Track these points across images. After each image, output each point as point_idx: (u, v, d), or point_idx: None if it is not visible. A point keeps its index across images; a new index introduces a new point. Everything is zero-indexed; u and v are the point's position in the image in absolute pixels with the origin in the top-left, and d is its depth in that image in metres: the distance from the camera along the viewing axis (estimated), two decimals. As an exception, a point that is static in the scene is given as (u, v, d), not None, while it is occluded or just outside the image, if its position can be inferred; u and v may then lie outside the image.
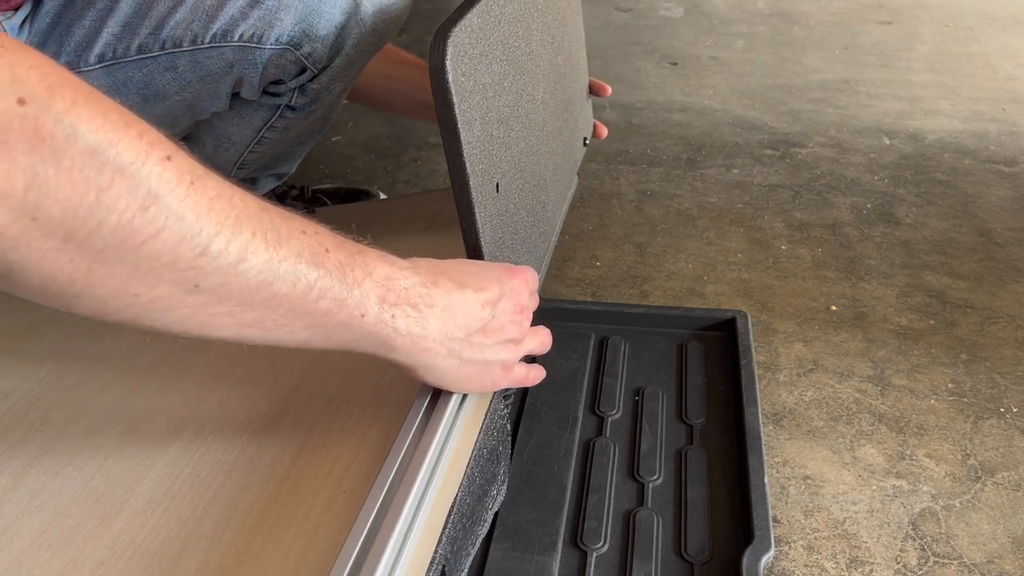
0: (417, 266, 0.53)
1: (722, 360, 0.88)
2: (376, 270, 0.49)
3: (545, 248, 0.81)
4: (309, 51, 0.73)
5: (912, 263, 1.11)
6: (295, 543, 0.52)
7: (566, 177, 0.91)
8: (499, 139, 0.64)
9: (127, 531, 0.54)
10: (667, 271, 1.10)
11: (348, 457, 0.58)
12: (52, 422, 0.64)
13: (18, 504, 0.56)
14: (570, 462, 0.75)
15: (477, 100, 0.59)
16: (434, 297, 0.52)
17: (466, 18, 0.57)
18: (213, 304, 0.41)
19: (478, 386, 0.59)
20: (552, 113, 0.83)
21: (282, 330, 0.45)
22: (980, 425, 0.83)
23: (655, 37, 2.09)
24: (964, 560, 0.69)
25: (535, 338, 0.63)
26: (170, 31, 0.70)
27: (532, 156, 0.75)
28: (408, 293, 0.51)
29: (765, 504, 0.68)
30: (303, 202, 1.13)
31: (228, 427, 0.62)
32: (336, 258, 0.46)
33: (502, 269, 0.60)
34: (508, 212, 0.67)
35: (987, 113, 1.60)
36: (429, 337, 0.52)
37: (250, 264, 0.41)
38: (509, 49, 0.67)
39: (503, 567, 0.65)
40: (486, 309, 0.56)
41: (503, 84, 0.65)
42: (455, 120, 0.55)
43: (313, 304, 0.45)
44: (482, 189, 0.60)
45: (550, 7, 0.82)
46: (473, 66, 0.58)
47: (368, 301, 0.48)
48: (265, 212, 0.43)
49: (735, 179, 1.36)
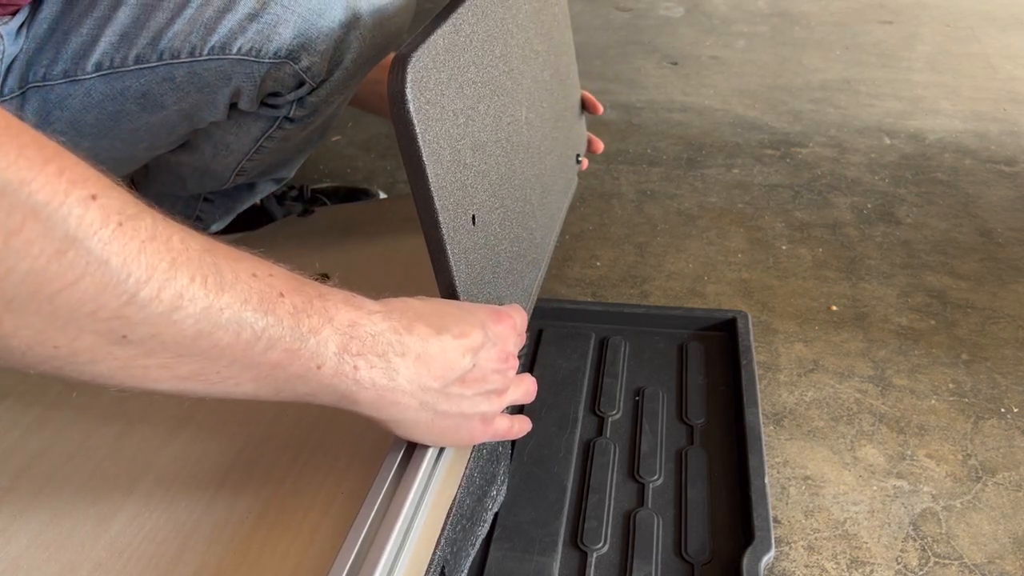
0: (389, 309, 0.49)
1: (722, 360, 0.87)
2: (338, 316, 0.45)
3: (534, 277, 0.75)
4: (308, 65, 0.73)
5: (913, 263, 1.11)
6: (293, 544, 0.52)
7: (556, 199, 0.86)
8: (474, 167, 0.59)
9: (125, 533, 0.54)
10: (667, 271, 1.10)
11: (347, 458, 0.58)
12: (50, 423, 0.64)
13: (15, 505, 0.56)
14: (570, 462, 0.75)
15: (446, 128, 0.54)
16: (407, 345, 0.48)
17: (430, 40, 0.53)
18: (144, 356, 0.37)
19: (454, 440, 0.54)
20: (538, 133, 0.78)
21: (226, 383, 0.41)
22: (981, 425, 0.83)
23: (655, 37, 2.09)
24: (965, 560, 0.69)
25: (519, 388, 0.58)
26: (168, 42, 0.70)
27: (515, 181, 0.70)
28: (376, 341, 0.46)
29: (765, 504, 0.68)
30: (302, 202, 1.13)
31: (227, 428, 0.62)
32: (291, 303, 0.42)
33: (487, 312, 0.55)
34: (487, 245, 0.62)
35: (988, 113, 1.60)
36: (399, 389, 0.48)
37: (186, 313, 0.37)
38: (484, 69, 0.63)
39: (503, 568, 0.64)
40: (467, 357, 0.51)
41: (477, 107, 0.61)
42: (419, 153, 0.50)
43: (261, 355, 0.41)
44: (455, 224, 0.55)
45: (534, 21, 0.77)
46: (440, 91, 0.53)
47: (325, 351, 0.44)
48: (209, 254, 0.39)
49: (735, 179, 1.36)
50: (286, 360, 0.42)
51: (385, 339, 0.47)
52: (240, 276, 0.40)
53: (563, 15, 0.91)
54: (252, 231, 1.05)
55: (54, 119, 0.73)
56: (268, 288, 0.41)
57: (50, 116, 0.72)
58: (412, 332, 0.48)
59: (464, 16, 0.59)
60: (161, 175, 0.95)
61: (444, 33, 0.55)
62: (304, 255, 0.91)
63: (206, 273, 0.38)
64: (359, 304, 0.47)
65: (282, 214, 1.07)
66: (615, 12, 2.30)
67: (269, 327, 0.41)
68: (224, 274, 0.39)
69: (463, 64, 0.58)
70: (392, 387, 0.47)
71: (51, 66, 0.71)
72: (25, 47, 0.71)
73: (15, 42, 0.70)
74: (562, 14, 0.91)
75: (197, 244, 0.38)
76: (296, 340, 0.42)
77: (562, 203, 0.89)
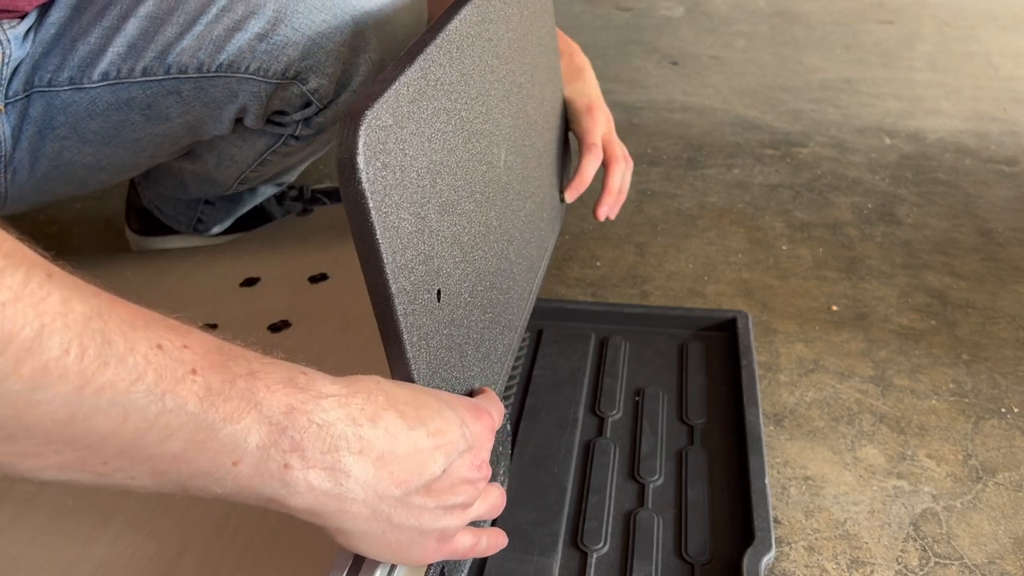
0: (352, 392, 0.40)
1: (723, 360, 0.87)
2: (269, 399, 0.36)
3: (511, 341, 0.66)
4: (315, 87, 0.73)
5: (913, 263, 1.11)
6: (295, 544, 0.52)
7: (538, 245, 0.76)
8: (441, 233, 0.50)
9: (125, 533, 0.54)
10: (668, 271, 1.10)
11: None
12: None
13: (15, 505, 0.56)
14: (570, 463, 0.75)
15: (408, 193, 0.46)
16: (368, 440, 0.39)
17: (391, 90, 0.44)
18: (6, 442, 0.31)
19: (405, 558, 0.45)
20: (518, 175, 0.69)
21: (117, 476, 0.34)
22: (981, 425, 0.83)
23: (656, 36, 2.09)
24: (965, 561, 0.69)
25: (485, 502, 0.49)
26: (176, 57, 0.70)
27: (491, 237, 0.61)
28: (322, 433, 0.38)
29: (766, 505, 0.68)
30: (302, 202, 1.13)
31: None
32: (203, 383, 0.34)
33: (466, 408, 0.47)
34: (454, 322, 0.53)
35: (988, 113, 1.60)
36: (347, 496, 0.39)
37: (53, 392, 0.30)
38: (457, 115, 0.54)
39: (503, 568, 0.64)
40: (438, 461, 0.42)
41: (447, 161, 0.52)
42: (372, 231, 0.42)
43: (156, 446, 0.33)
44: (414, 306, 0.46)
45: (516, 49, 0.69)
46: (402, 151, 0.45)
47: (244, 444, 0.35)
48: (98, 319, 0.31)
49: (736, 179, 1.36)
50: (190, 453, 0.34)
51: (337, 431, 0.38)
52: (136, 347, 0.33)
53: (550, 36, 0.82)
54: (251, 231, 1.05)
55: (57, 124, 0.73)
56: (174, 363, 0.34)
57: (54, 121, 0.72)
58: (378, 423, 0.40)
59: (434, 56, 0.50)
60: (162, 178, 0.95)
61: (409, 80, 0.46)
62: (304, 255, 0.91)
63: (86, 344, 0.31)
64: (306, 385, 0.38)
65: (282, 214, 1.07)
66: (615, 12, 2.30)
67: (166, 412, 0.33)
68: (114, 345, 0.32)
69: (432, 113, 0.50)
70: (338, 493, 0.39)
71: (57, 72, 0.71)
72: (32, 51, 0.71)
73: (21, 46, 0.70)
74: (549, 36, 0.81)
75: (84, 307, 0.31)
76: (202, 429, 0.34)
77: (545, 246, 0.79)
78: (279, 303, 0.79)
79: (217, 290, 0.85)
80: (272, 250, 0.94)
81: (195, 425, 0.34)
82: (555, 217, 0.84)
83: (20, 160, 0.74)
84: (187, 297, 0.83)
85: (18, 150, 0.73)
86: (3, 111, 0.71)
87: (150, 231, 1.03)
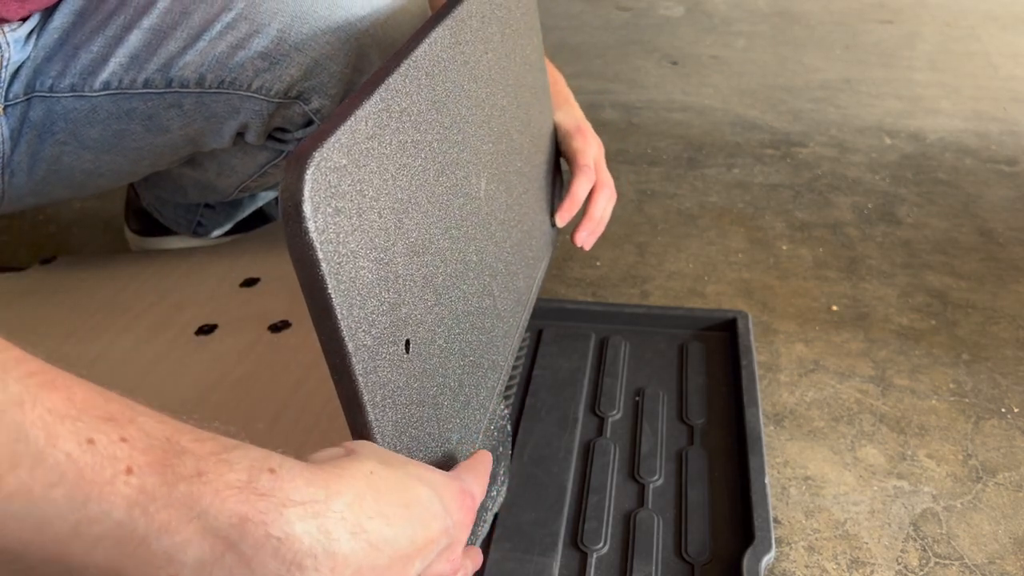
0: (333, 493, 0.34)
1: (723, 360, 0.87)
2: (216, 508, 0.30)
3: (495, 382, 0.61)
4: (318, 107, 0.72)
5: (913, 263, 1.11)
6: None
7: (525, 278, 0.71)
8: (409, 277, 0.46)
9: None
10: (668, 271, 1.10)
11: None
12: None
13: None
14: (570, 463, 0.74)
15: (368, 239, 0.41)
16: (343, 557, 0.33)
17: (342, 129, 0.39)
18: None
19: None
20: (502, 204, 0.64)
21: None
22: (981, 426, 0.83)
23: (655, 36, 2.09)
24: (965, 561, 0.69)
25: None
26: (178, 71, 0.70)
27: (470, 275, 0.56)
28: (283, 550, 0.31)
29: (766, 505, 0.68)
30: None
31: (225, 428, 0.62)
32: (138, 485, 0.29)
33: (452, 496, 0.41)
34: (427, 373, 0.47)
35: (988, 112, 1.60)
36: None
37: None
38: (428, 146, 0.49)
39: (503, 568, 0.64)
40: (416, 567, 0.37)
41: (416, 199, 0.47)
42: (322, 284, 0.37)
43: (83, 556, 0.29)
44: (377, 363, 0.41)
45: (498, 68, 0.64)
46: (358, 193, 0.40)
47: (184, 558, 0.30)
48: (17, 409, 0.28)
49: (736, 178, 1.36)
50: (117, 565, 0.30)
51: (302, 547, 0.32)
52: (59, 443, 0.28)
53: (536, 54, 0.77)
54: (250, 232, 1.05)
55: (57, 129, 0.73)
56: (103, 461, 0.29)
57: (54, 127, 0.72)
58: (359, 536, 0.34)
59: (398, 85, 0.45)
60: (162, 182, 0.95)
61: (367, 114, 0.41)
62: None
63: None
64: (269, 489, 0.32)
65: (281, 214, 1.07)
66: (615, 12, 2.30)
67: (89, 520, 0.29)
68: (32, 440, 0.28)
69: (396, 147, 0.44)
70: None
71: (59, 79, 0.71)
72: (33, 55, 0.71)
73: (22, 49, 0.70)
74: (535, 54, 0.76)
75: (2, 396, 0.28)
76: (132, 540, 0.29)
77: (534, 275, 0.74)
78: (279, 303, 0.79)
79: (217, 290, 0.85)
80: (272, 250, 0.94)
81: (122, 535, 0.29)
82: (546, 243, 0.79)
83: (18, 162, 0.74)
84: (187, 297, 0.83)
85: (17, 152, 0.73)
86: (3, 113, 0.71)
87: (150, 232, 1.03)
